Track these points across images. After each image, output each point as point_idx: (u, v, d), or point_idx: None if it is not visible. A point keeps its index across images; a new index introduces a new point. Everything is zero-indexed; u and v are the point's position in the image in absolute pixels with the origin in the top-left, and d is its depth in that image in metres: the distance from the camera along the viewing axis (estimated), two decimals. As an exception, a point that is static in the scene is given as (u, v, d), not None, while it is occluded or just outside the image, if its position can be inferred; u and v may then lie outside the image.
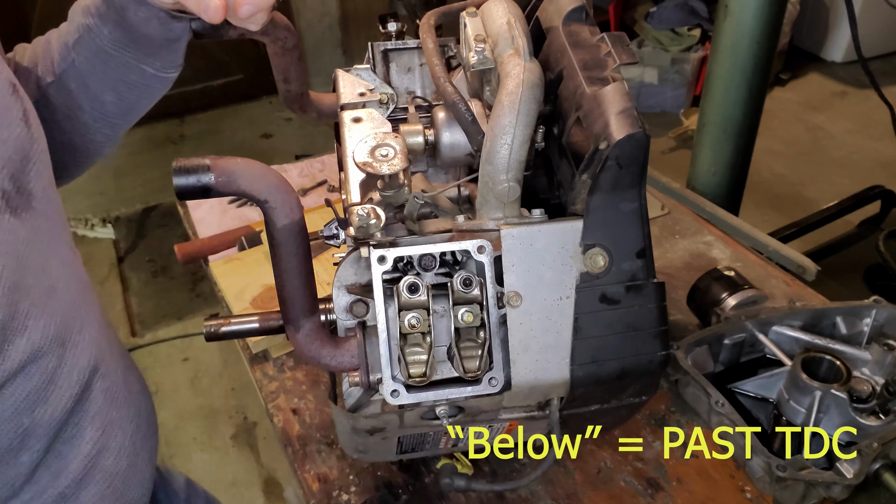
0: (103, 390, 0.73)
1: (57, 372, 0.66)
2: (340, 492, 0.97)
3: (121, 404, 0.76)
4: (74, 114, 0.81)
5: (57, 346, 0.66)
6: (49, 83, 0.80)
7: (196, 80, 4.27)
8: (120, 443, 0.75)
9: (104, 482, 0.73)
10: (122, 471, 0.75)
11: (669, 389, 1.09)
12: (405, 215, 0.75)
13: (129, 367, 0.82)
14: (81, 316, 0.71)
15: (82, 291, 0.73)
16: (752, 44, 1.68)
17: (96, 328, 0.74)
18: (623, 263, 0.68)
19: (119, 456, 0.75)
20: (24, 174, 0.64)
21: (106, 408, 0.73)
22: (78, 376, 0.69)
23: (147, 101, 0.85)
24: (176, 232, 3.32)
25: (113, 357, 0.77)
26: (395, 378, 0.66)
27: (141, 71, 0.79)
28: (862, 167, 3.52)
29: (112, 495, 0.73)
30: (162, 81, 0.83)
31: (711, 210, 1.70)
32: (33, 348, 0.63)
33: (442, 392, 0.67)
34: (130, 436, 0.77)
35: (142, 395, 0.83)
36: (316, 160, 1.82)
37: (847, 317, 1.09)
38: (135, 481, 0.77)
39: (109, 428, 0.73)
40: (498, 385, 0.67)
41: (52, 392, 0.65)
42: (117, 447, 0.74)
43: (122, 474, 0.75)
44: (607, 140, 0.63)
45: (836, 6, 4.25)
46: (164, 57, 0.80)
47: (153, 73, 0.81)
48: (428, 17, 0.84)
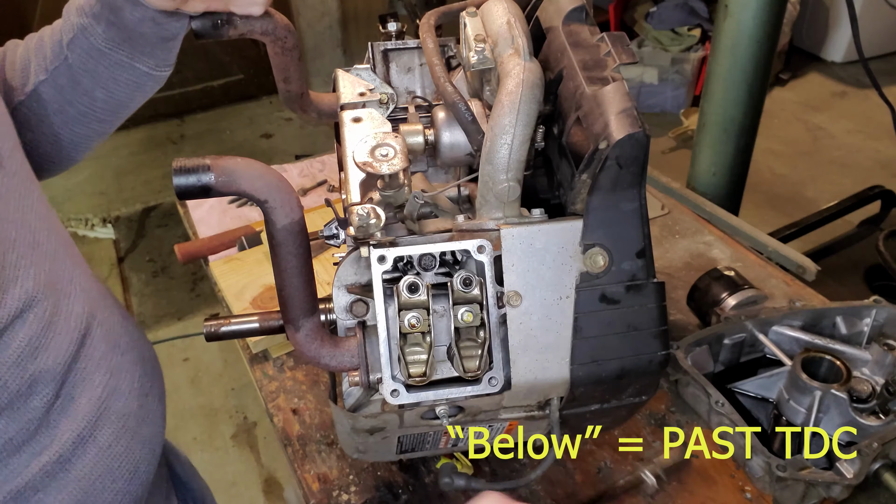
0: (103, 336, 0.75)
1: (54, 319, 0.68)
2: (340, 492, 0.97)
3: (124, 349, 0.78)
4: (64, 109, 0.82)
5: (50, 293, 0.68)
6: (41, 80, 0.81)
7: (196, 80, 4.27)
8: (129, 384, 0.77)
9: (118, 422, 0.75)
10: (134, 411, 0.77)
11: (669, 389, 1.09)
12: (405, 215, 0.75)
13: (125, 317, 0.84)
14: (68, 267, 0.74)
15: (64, 245, 0.75)
16: (752, 44, 1.68)
17: (85, 279, 0.76)
18: (623, 263, 0.68)
19: (129, 397, 0.77)
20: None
21: (109, 353, 0.76)
22: (76, 322, 0.71)
23: (138, 99, 0.86)
24: (176, 232, 3.33)
25: (107, 306, 0.79)
26: (395, 378, 0.66)
27: (134, 69, 0.80)
28: (862, 167, 3.52)
29: (127, 434, 0.76)
30: (154, 79, 0.84)
31: (711, 210, 1.70)
32: (28, 296, 0.65)
33: (442, 392, 0.67)
34: (138, 378, 0.79)
35: (142, 342, 0.85)
36: (316, 160, 1.82)
37: (847, 317, 1.09)
38: (147, 420, 0.80)
39: (116, 371, 0.76)
40: (498, 385, 0.67)
41: (51, 338, 0.67)
42: (127, 389, 0.77)
43: (135, 414, 0.77)
44: (607, 140, 0.63)
45: (836, 6, 4.25)
46: (158, 55, 0.81)
47: (146, 72, 0.81)
48: (428, 17, 0.84)
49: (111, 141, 4.49)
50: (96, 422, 0.72)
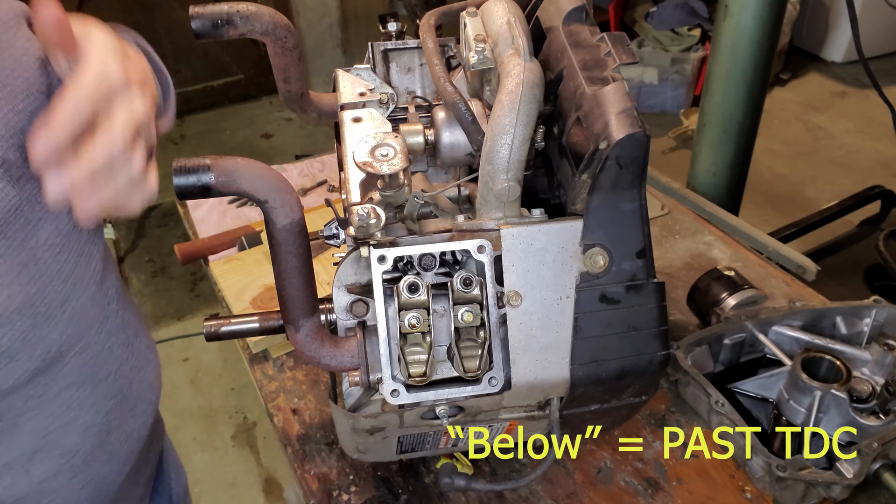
0: (79, 366, 0.71)
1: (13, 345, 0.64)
2: (340, 492, 0.97)
3: (101, 381, 0.74)
4: None
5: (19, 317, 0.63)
6: None
7: (196, 80, 4.27)
8: (89, 420, 0.73)
9: (61, 459, 0.71)
10: (86, 449, 0.73)
11: (669, 389, 1.09)
12: (405, 215, 0.75)
13: (127, 343, 0.79)
14: (66, 288, 0.69)
15: (76, 263, 0.71)
16: (752, 44, 1.68)
17: (85, 300, 0.72)
18: (623, 263, 0.68)
19: (85, 434, 0.73)
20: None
21: (79, 383, 0.71)
22: (42, 350, 0.67)
23: None
24: (176, 232, 3.33)
25: (104, 331, 0.75)
26: (395, 378, 0.66)
27: None
28: (862, 167, 3.52)
29: (69, 472, 0.72)
30: None
31: (711, 210, 1.70)
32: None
33: (442, 392, 0.67)
34: (105, 414, 0.74)
35: (139, 372, 0.80)
36: (316, 160, 1.82)
37: (847, 317, 1.09)
38: (101, 460, 0.75)
39: (78, 405, 0.71)
40: (498, 385, 0.67)
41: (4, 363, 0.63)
42: (84, 425, 0.72)
43: (85, 453, 0.73)
44: (607, 140, 0.63)
45: (836, 6, 4.25)
46: None
47: None
48: (428, 17, 0.84)
49: (111, 141, 4.47)
50: (34, 454, 0.68)
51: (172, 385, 2.67)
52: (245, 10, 0.77)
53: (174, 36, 4.07)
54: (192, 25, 0.78)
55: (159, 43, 4.04)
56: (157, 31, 4.01)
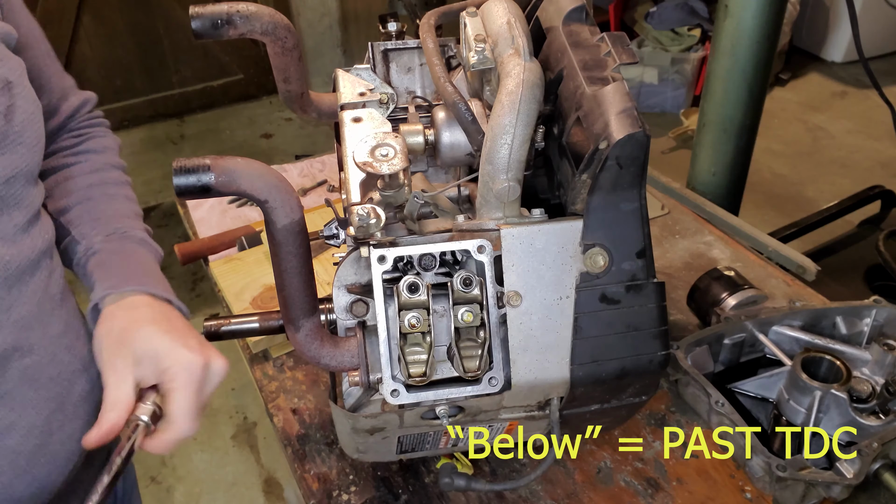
0: (22, 369, 0.73)
1: None
2: (340, 492, 0.97)
3: (43, 384, 0.75)
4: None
5: None
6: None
7: (196, 80, 4.28)
8: (31, 422, 0.74)
9: (3, 459, 0.72)
10: (29, 450, 0.75)
11: (669, 389, 1.09)
12: (405, 215, 0.75)
13: (69, 346, 0.81)
14: (10, 295, 0.71)
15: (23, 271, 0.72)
16: (752, 44, 1.68)
17: (31, 306, 0.73)
18: (623, 263, 0.68)
19: (28, 435, 0.74)
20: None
21: (22, 386, 0.73)
22: None
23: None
24: (176, 232, 3.33)
25: (47, 335, 0.76)
26: (395, 378, 0.66)
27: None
28: (862, 167, 3.52)
29: (12, 471, 0.73)
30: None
31: (711, 210, 1.70)
32: None
33: (442, 392, 0.67)
34: (46, 416, 0.76)
35: (82, 374, 0.82)
36: (316, 160, 1.82)
37: (847, 317, 1.09)
38: (43, 461, 0.77)
39: (22, 407, 0.73)
40: (498, 385, 0.67)
41: None
42: (27, 426, 0.74)
43: (28, 453, 0.74)
44: (607, 140, 0.63)
45: (836, 6, 4.25)
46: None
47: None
48: (428, 17, 0.84)
49: (111, 141, 4.44)
50: None
51: (172, 385, 2.66)
52: (245, 10, 0.77)
53: (174, 36, 4.07)
54: (192, 25, 0.77)
55: (159, 43, 4.05)
56: (157, 31, 4.02)
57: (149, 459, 2.36)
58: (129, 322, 0.75)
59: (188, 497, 2.27)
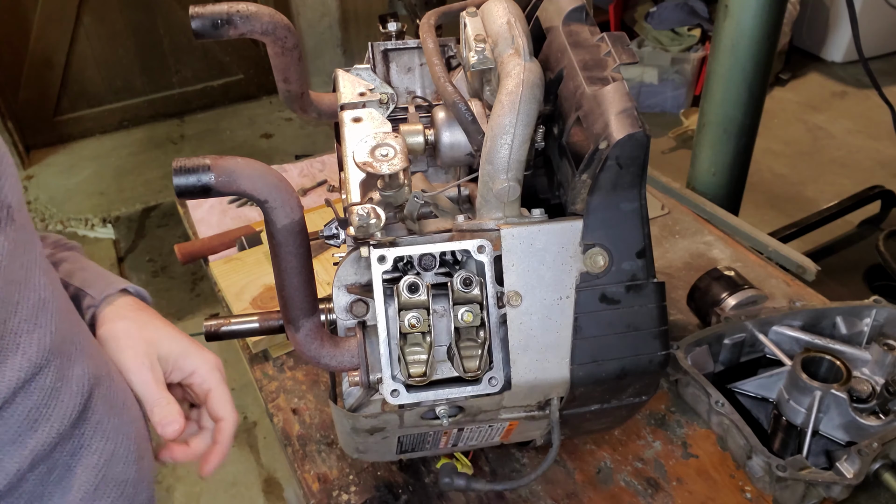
0: (103, 397, 0.71)
1: (57, 386, 0.63)
2: (340, 492, 0.97)
3: (121, 409, 0.73)
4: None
5: (55, 357, 0.63)
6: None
7: (196, 80, 4.28)
8: (126, 448, 0.73)
9: (116, 490, 0.70)
10: (132, 477, 0.73)
11: (669, 389, 1.09)
12: (405, 215, 0.75)
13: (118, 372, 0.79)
14: (73, 324, 0.69)
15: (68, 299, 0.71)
16: (752, 44, 1.68)
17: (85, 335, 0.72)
18: (623, 263, 0.68)
19: (127, 461, 0.72)
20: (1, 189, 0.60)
21: (108, 414, 0.71)
22: (78, 387, 0.66)
23: None
24: (176, 232, 3.33)
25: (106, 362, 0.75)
26: (395, 378, 0.66)
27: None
28: (862, 167, 3.52)
29: (125, 502, 0.71)
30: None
31: (711, 210, 1.70)
32: (30, 364, 0.60)
33: (442, 392, 0.67)
34: (134, 439, 0.75)
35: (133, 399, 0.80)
36: (316, 160, 1.82)
37: (847, 317, 1.09)
38: (143, 486, 0.75)
39: (114, 434, 0.71)
40: (498, 385, 0.67)
41: (53, 408, 0.63)
42: (124, 453, 0.72)
43: (133, 481, 0.73)
44: (607, 140, 0.63)
45: (836, 6, 4.25)
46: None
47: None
48: (428, 17, 0.84)
49: (111, 141, 4.47)
50: (94, 491, 0.67)
51: (172, 385, 2.66)
52: (245, 10, 0.77)
53: (174, 36, 4.07)
54: (192, 25, 0.77)
55: (159, 43, 4.05)
56: (157, 31, 4.02)
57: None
58: (141, 325, 0.76)
59: (188, 497, 2.27)
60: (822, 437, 0.97)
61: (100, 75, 4.00)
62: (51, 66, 3.82)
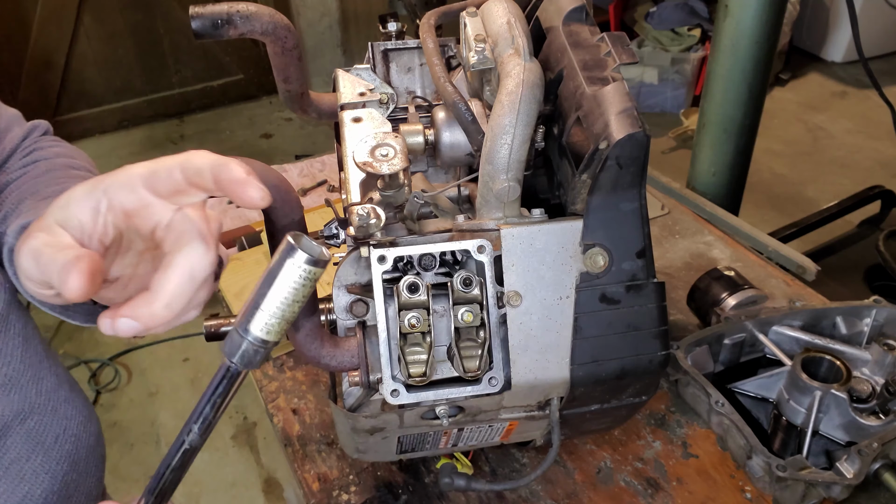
0: (25, 435, 0.65)
1: None
2: (340, 492, 0.97)
3: (51, 445, 0.68)
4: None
5: None
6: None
7: (196, 80, 4.28)
8: (47, 489, 0.67)
9: None
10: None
11: (669, 389, 1.09)
12: (405, 215, 0.75)
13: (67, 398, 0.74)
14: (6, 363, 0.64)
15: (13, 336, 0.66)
16: (752, 44, 1.68)
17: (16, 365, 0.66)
18: (623, 263, 0.68)
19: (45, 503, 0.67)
20: None
21: (28, 454, 0.66)
22: None
23: None
24: (176, 232, 3.32)
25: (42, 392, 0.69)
26: (395, 378, 0.66)
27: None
28: (862, 167, 3.52)
29: None
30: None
31: (711, 210, 1.70)
32: None
33: (442, 392, 0.67)
34: (61, 478, 0.69)
35: (84, 423, 0.75)
36: (316, 160, 1.82)
37: (847, 317, 1.09)
38: None
39: (31, 476, 0.66)
40: (498, 385, 0.67)
41: None
42: (41, 494, 0.67)
43: None
44: (607, 140, 0.63)
45: (836, 6, 4.25)
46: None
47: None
48: (428, 17, 0.84)
49: (111, 141, 4.46)
50: None
51: (172, 385, 2.67)
52: (245, 10, 0.77)
53: (174, 36, 4.07)
54: (192, 25, 0.77)
55: (159, 43, 4.06)
56: (156, 31, 4.02)
57: (149, 459, 2.36)
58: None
59: (188, 497, 2.27)
60: (822, 437, 0.97)
61: (99, 75, 4.00)
62: (50, 67, 3.82)
